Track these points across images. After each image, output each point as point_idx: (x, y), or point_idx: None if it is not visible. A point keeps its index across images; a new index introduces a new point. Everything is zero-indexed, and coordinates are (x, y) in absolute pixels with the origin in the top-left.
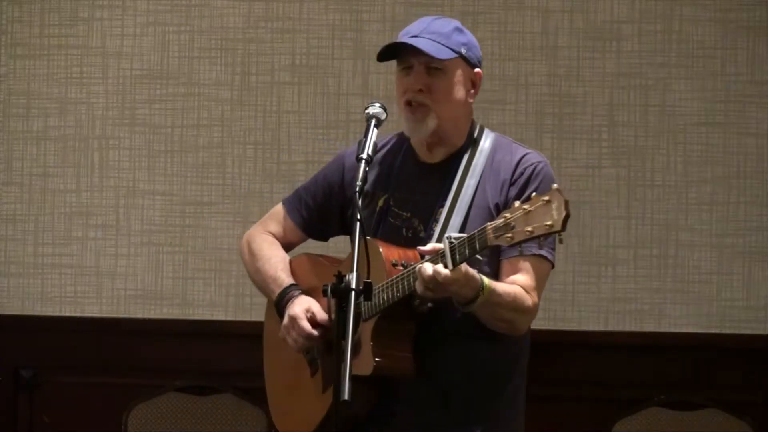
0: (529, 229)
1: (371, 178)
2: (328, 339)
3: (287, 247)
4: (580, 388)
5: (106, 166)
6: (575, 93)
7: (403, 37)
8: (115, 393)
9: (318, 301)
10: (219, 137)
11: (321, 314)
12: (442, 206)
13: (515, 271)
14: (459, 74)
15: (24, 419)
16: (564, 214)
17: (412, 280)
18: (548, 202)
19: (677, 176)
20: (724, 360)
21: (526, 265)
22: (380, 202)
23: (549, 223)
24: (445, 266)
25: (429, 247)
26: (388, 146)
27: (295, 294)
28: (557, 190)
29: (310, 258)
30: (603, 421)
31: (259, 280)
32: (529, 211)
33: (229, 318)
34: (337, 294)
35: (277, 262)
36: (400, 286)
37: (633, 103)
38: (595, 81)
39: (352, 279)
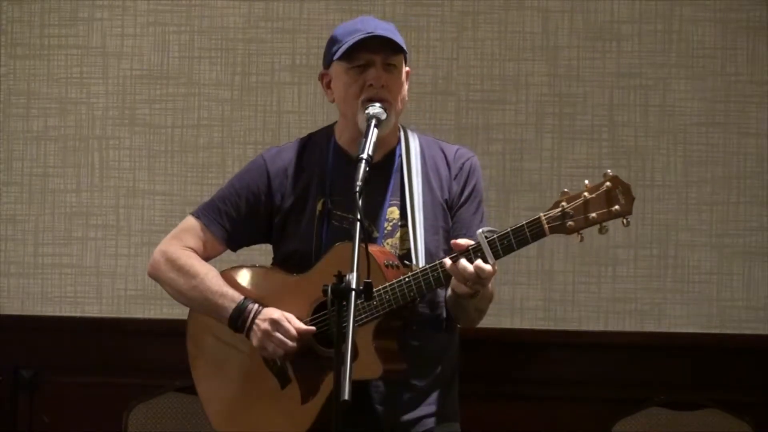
0: (593, 215)
1: (302, 182)
2: (302, 348)
3: (205, 260)
4: (580, 388)
5: (106, 166)
6: (575, 93)
7: (360, 33)
8: (115, 393)
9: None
10: (219, 137)
11: (296, 322)
12: (392, 205)
13: None
14: (404, 71)
15: (24, 419)
16: (632, 197)
17: (431, 280)
18: (612, 187)
19: (677, 176)
20: (724, 360)
21: None
22: (318, 206)
23: (616, 207)
24: (485, 260)
25: (462, 242)
26: (302, 150)
27: (256, 306)
28: (616, 175)
29: (249, 270)
30: (603, 421)
31: (199, 297)
32: (590, 198)
33: None
34: (337, 294)
35: (216, 278)
36: (413, 289)
37: (633, 103)
38: (595, 81)
39: (353, 279)
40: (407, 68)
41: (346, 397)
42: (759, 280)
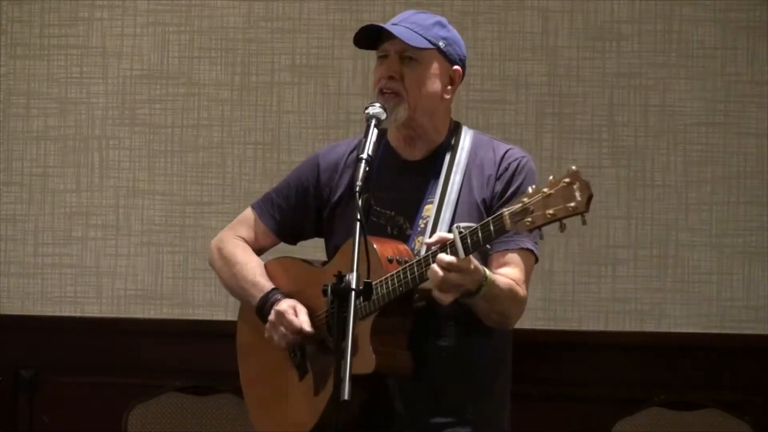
0: (551, 212)
1: (349, 178)
2: (316, 341)
3: (258, 251)
4: (580, 388)
5: (106, 166)
6: (575, 93)
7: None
8: (115, 393)
9: (301, 303)
10: (219, 137)
11: (303, 315)
12: (429, 203)
13: (504, 264)
14: (435, 67)
15: (24, 419)
16: (588, 194)
17: (416, 274)
18: (570, 183)
19: (677, 176)
20: (724, 360)
21: (515, 258)
22: (361, 202)
23: (572, 204)
24: (456, 255)
25: (435, 237)
26: (358, 144)
27: (279, 297)
28: (577, 171)
29: (286, 261)
30: (603, 421)
31: (236, 285)
32: (549, 194)
33: (229, 318)
34: (337, 294)
35: (254, 267)
36: (401, 281)
37: (633, 103)
38: (595, 81)
39: (353, 279)
40: (456, 67)
41: (346, 397)
42: (759, 280)
